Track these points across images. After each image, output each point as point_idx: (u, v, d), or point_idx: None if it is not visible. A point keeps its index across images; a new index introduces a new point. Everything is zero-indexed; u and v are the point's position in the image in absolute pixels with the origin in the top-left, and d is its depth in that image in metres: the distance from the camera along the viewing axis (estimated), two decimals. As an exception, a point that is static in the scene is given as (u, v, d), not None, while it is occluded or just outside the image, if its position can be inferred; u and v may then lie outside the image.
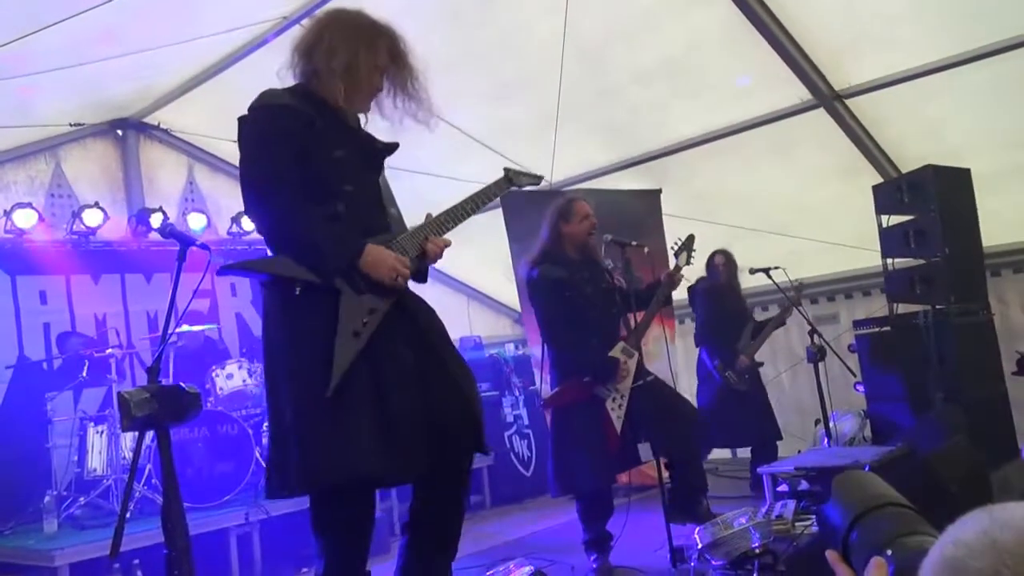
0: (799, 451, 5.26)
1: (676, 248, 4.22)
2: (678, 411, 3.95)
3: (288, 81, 2.42)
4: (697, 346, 5.74)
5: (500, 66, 5.29)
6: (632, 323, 4.01)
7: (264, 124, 2.30)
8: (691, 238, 4.25)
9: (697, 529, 3.36)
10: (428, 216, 2.54)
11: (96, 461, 4.80)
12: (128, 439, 4.81)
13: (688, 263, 4.23)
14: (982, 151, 5.00)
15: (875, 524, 0.86)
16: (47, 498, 4.56)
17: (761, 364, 5.66)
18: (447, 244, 2.51)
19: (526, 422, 6.36)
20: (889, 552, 0.80)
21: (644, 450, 3.78)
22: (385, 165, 2.58)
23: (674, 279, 4.02)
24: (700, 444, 4.59)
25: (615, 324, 4.04)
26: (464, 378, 2.38)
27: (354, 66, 2.33)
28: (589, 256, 4.02)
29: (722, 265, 5.54)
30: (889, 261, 4.80)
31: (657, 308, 4.02)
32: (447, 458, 2.32)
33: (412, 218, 2.61)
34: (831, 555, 0.90)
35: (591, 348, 3.85)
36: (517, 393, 6.41)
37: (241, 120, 2.35)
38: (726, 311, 5.57)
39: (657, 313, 4.07)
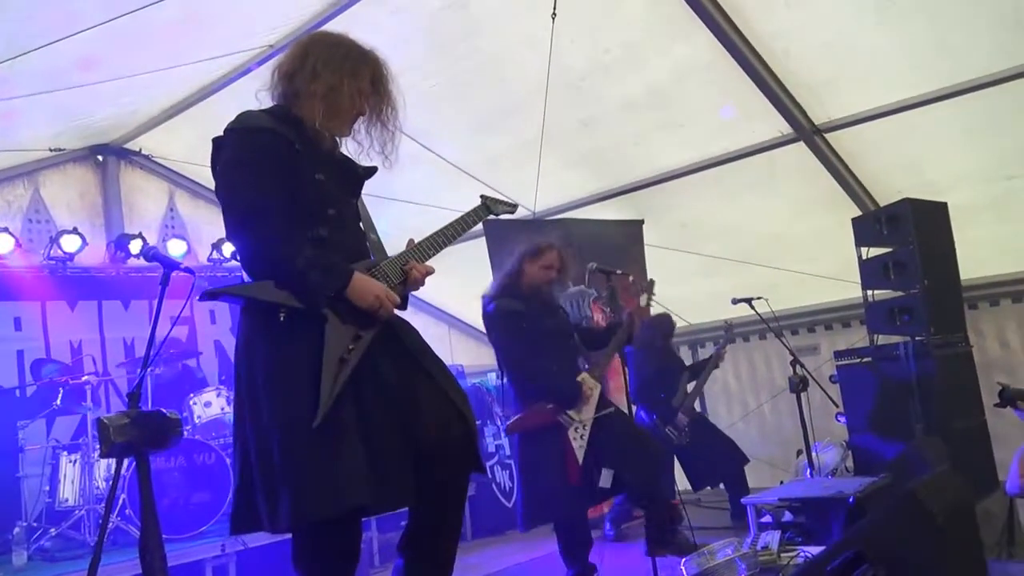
0: (781, 482, 5.25)
1: (639, 289, 4.37)
2: (641, 452, 3.94)
3: (266, 103, 2.39)
4: (633, 402, 5.76)
5: (485, 96, 5.33)
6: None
7: (246, 147, 2.24)
8: (651, 283, 4.45)
9: (684, 560, 3.33)
10: (410, 242, 2.52)
11: (68, 491, 4.69)
12: (102, 468, 4.71)
13: (647, 304, 4.38)
14: (958, 186, 5.10)
15: None
16: (16, 529, 4.44)
17: (699, 413, 5.76)
18: (430, 271, 2.49)
19: (507, 452, 6.30)
20: None
21: (606, 476, 3.77)
22: (364, 191, 2.56)
23: (636, 318, 4.09)
24: (664, 481, 4.60)
25: (573, 356, 4.06)
26: (457, 395, 2.33)
27: (337, 90, 2.31)
28: (544, 299, 4.03)
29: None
30: (869, 293, 4.85)
31: (619, 346, 4.04)
32: (443, 478, 2.28)
33: (395, 246, 2.61)
34: None
35: (552, 375, 3.85)
36: (499, 423, 6.36)
37: (218, 142, 2.29)
38: (660, 366, 5.63)
39: (619, 349, 4.11)
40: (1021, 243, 5.39)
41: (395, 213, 5.65)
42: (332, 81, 2.29)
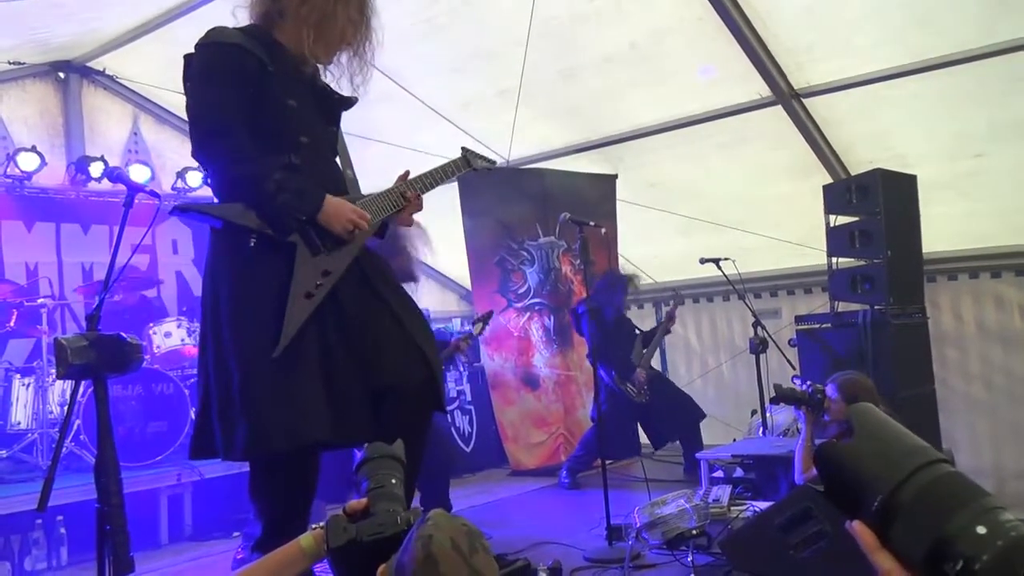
0: (735, 439, 5.37)
1: (475, 319, 4.78)
2: None
3: (244, 22, 2.32)
4: (592, 364, 5.84)
5: (464, 39, 5.21)
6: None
7: (215, 62, 2.19)
8: (490, 314, 4.86)
9: (636, 508, 3.40)
10: (406, 173, 2.48)
11: (21, 414, 4.62)
12: (56, 393, 4.64)
13: (481, 333, 4.80)
14: (926, 160, 5.15)
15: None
16: (-34, 450, 4.38)
17: (656, 371, 5.87)
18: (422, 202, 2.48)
19: (468, 398, 6.35)
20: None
21: None
22: (343, 127, 2.51)
23: (460, 346, 4.55)
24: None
25: None
26: (423, 339, 2.33)
27: (331, 17, 2.24)
28: None
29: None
30: (833, 260, 4.91)
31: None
32: (404, 417, 2.28)
33: (368, 186, 2.56)
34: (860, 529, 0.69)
35: None
36: (461, 369, 6.38)
37: (188, 58, 2.24)
38: (613, 328, 5.68)
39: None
40: (982, 220, 5.48)
41: (368, 153, 5.54)
42: (326, 9, 2.22)
